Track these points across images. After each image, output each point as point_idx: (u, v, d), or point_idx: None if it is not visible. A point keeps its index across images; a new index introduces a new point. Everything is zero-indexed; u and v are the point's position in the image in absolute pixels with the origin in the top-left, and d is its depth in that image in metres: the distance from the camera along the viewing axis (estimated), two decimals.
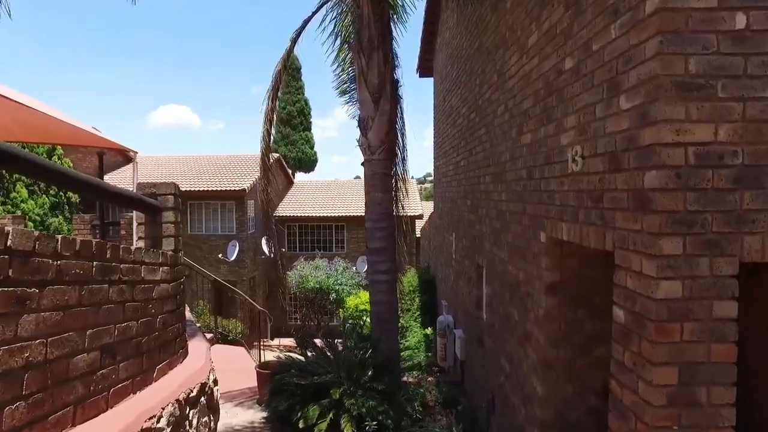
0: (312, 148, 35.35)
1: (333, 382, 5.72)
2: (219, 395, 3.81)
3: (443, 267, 9.78)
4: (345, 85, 8.22)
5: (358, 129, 6.03)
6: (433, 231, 11.78)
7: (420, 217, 21.81)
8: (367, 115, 5.88)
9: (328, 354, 6.52)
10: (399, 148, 7.31)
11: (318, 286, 11.86)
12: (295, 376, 5.94)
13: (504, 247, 4.87)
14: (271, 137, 6.40)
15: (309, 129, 35.41)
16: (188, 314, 5.53)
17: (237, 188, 19.22)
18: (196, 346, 3.97)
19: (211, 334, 10.82)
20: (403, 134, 7.37)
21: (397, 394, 5.67)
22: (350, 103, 8.29)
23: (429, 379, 7.29)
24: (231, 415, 6.58)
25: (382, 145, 5.83)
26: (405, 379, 7.44)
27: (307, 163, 35.17)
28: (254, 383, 7.37)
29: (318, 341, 6.71)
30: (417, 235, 22.31)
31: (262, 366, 7.19)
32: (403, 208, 7.25)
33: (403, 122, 7.37)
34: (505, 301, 4.78)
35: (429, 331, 9.50)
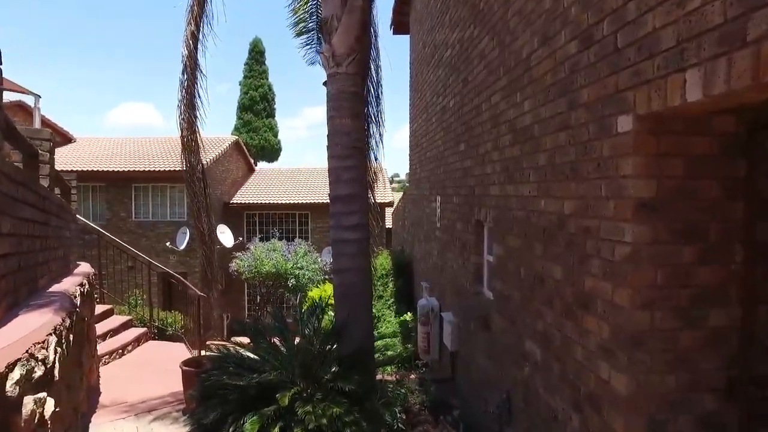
0: (276, 136, 33.34)
1: (282, 381, 4.09)
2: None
3: (423, 243, 8.25)
4: (302, 24, 6.55)
5: (320, 35, 4.41)
6: (408, 206, 10.26)
7: (390, 204, 20.30)
8: (331, 14, 4.26)
9: (280, 347, 4.87)
10: (372, 83, 5.72)
11: (274, 270, 10.07)
12: (228, 374, 4.28)
13: (529, 178, 3.33)
14: (199, 44, 4.72)
15: (273, 116, 33.38)
16: (67, 284, 3.79)
17: None
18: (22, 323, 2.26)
19: (144, 329, 8.98)
20: (377, 65, 5.78)
21: (372, 397, 4.08)
22: (308, 47, 6.63)
23: (411, 376, 5.75)
24: None
25: (352, 54, 4.22)
26: (381, 376, 5.85)
27: (271, 152, 33.14)
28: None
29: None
30: (388, 226, 20.83)
31: (191, 363, 5.46)
32: (377, 145, 5.61)
33: (377, 51, 5.78)
34: (534, 258, 3.25)
35: (409, 316, 7.94)
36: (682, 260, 2.16)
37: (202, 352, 7.14)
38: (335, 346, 4.62)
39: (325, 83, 4.47)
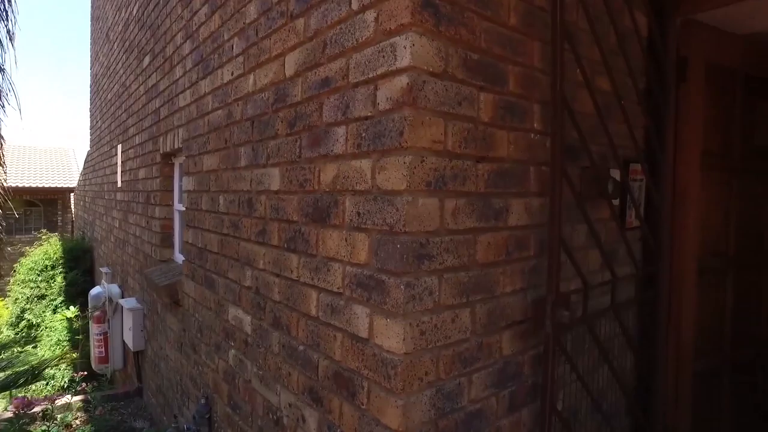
0: None
1: None
2: None
3: (104, 217, 6.13)
4: None
5: None
6: (89, 175, 7.77)
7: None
8: None
9: None
10: None
11: None
12: None
13: (232, 52, 2.11)
14: None
15: None
16: None
17: None
18: None
19: None
20: None
21: None
22: None
23: (74, 399, 3.85)
24: None
25: None
26: (11, 410, 3.75)
27: None
28: None
29: None
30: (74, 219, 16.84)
31: None
32: (4, 48, 3.48)
33: None
34: (238, 175, 2.05)
35: (71, 312, 5.73)
36: (479, 116, 1.29)
37: None
38: None
39: None
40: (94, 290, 4.71)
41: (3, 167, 3.93)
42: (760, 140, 2.46)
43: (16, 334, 5.86)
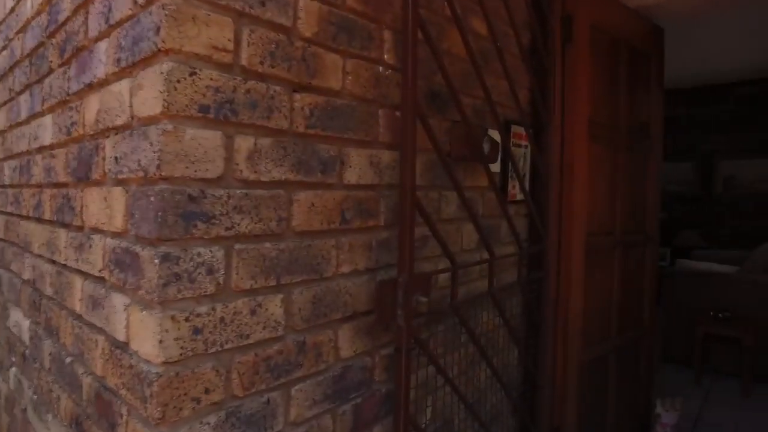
0: None
1: None
2: None
3: None
4: None
5: None
6: None
7: None
8: None
9: None
10: None
11: None
12: None
13: None
14: None
15: None
16: None
17: None
18: None
19: None
20: None
21: None
22: None
23: None
24: None
25: None
26: None
27: None
28: None
29: None
30: None
31: None
32: None
33: None
34: (12, 133, 1.54)
35: None
36: (296, 27, 0.93)
37: None
38: None
39: None
40: None
41: None
42: (643, 117, 2.36)
43: None
